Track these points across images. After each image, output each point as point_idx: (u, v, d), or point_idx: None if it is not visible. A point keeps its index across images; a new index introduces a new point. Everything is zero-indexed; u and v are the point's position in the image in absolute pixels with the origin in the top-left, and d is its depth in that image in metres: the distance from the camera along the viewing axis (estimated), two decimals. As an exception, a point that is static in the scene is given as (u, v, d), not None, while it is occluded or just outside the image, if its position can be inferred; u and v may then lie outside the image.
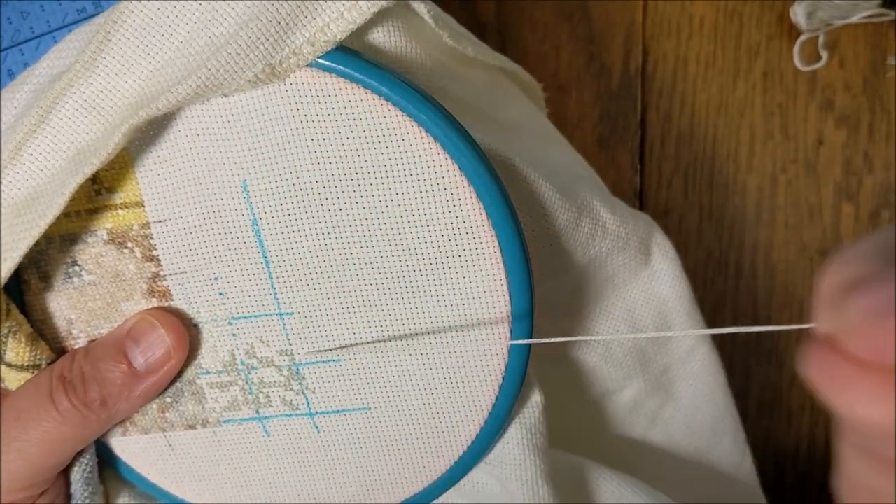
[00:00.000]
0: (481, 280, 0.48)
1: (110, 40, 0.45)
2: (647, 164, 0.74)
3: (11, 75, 0.66)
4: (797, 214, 0.74)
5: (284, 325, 0.51)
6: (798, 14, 0.71)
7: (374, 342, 0.50)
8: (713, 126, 0.74)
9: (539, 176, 0.53)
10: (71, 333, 0.54)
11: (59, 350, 0.54)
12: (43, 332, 0.54)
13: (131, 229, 0.50)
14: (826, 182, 0.74)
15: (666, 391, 0.64)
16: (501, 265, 0.47)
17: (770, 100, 0.74)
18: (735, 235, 0.75)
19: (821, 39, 0.72)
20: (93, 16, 0.64)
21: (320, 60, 0.44)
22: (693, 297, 0.62)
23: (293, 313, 0.51)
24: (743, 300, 0.78)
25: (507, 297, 0.48)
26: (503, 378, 0.50)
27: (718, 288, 0.77)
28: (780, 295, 0.67)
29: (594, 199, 0.57)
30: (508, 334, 0.49)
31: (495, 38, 0.74)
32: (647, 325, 0.62)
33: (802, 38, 0.71)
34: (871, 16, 0.70)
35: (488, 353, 0.50)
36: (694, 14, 0.73)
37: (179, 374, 0.54)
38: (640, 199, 0.76)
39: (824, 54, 0.72)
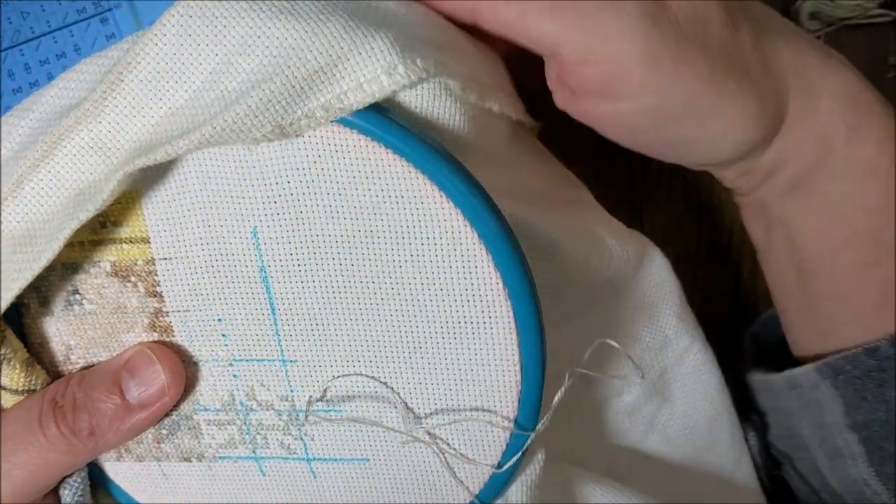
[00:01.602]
0: (493, 348, 0.46)
1: (123, 80, 0.44)
2: (646, 164, 0.74)
3: (11, 75, 0.65)
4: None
5: (287, 371, 0.50)
6: (799, 15, 0.70)
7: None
8: (714, 126, 0.73)
9: (555, 229, 0.52)
10: (69, 359, 0.53)
11: (55, 374, 0.53)
12: (40, 355, 0.53)
13: (135, 264, 0.49)
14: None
15: (662, 395, 0.64)
16: (515, 335, 0.46)
17: (771, 99, 0.73)
18: (735, 236, 0.76)
19: (821, 40, 0.71)
20: (93, 16, 0.64)
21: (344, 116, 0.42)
22: (683, 299, 0.62)
23: (297, 361, 0.49)
24: (743, 301, 0.78)
25: (518, 368, 0.47)
26: (507, 444, 0.49)
27: (718, 289, 0.77)
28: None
29: (600, 228, 0.57)
30: (516, 405, 0.48)
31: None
32: (641, 332, 0.62)
33: (802, 38, 0.71)
34: (871, 16, 0.69)
35: (493, 420, 0.48)
36: (695, 14, 0.72)
37: (176, 407, 0.53)
38: (639, 200, 0.75)
39: (825, 55, 0.71)
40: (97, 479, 0.56)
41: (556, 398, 0.48)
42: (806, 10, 0.70)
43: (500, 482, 0.51)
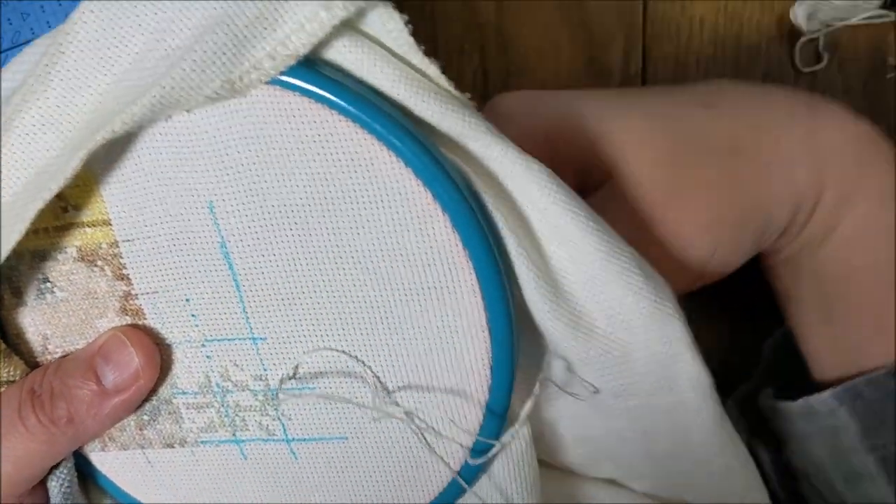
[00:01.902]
0: (458, 314, 0.45)
1: (63, 52, 0.43)
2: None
3: (12, 76, 0.65)
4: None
5: (258, 350, 0.49)
6: (798, 15, 0.69)
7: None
8: (713, 127, 0.73)
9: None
10: (47, 349, 0.53)
11: (34, 365, 0.53)
12: (18, 347, 0.53)
13: (100, 248, 0.49)
14: (826, 183, 0.73)
15: (684, 490, 0.58)
16: (480, 299, 0.45)
17: (770, 101, 0.73)
18: None
19: (821, 41, 0.70)
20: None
21: (283, 78, 0.41)
22: (720, 413, 0.53)
23: (266, 339, 0.49)
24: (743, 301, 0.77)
25: (487, 333, 0.46)
26: (484, 414, 0.48)
27: (718, 290, 0.76)
28: (780, 296, 0.66)
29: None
30: (489, 372, 0.47)
31: (495, 39, 0.73)
32: (666, 446, 0.54)
33: (803, 39, 0.71)
34: (871, 17, 0.69)
35: (467, 388, 0.47)
36: (694, 15, 0.72)
37: (155, 392, 0.52)
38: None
39: (825, 56, 0.71)
40: (85, 470, 0.56)
41: (528, 406, 0.47)
42: (805, 11, 0.70)
43: (480, 454, 0.49)
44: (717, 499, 0.56)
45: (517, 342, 0.46)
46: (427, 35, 0.74)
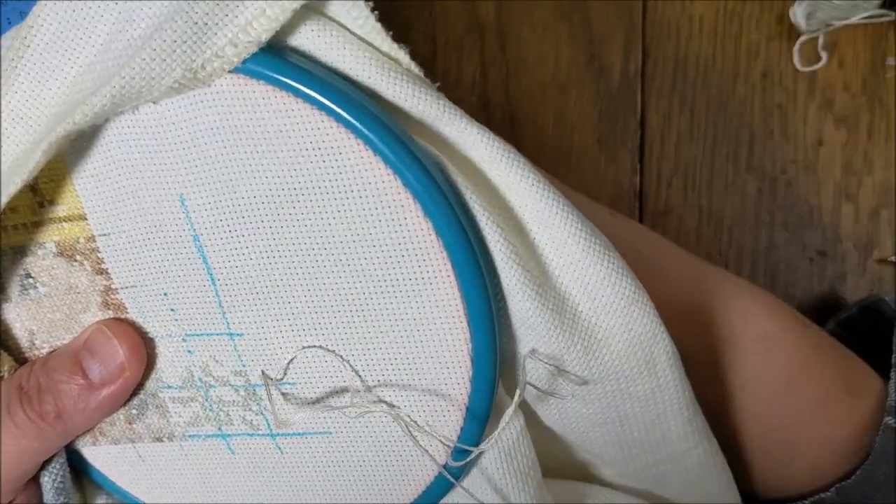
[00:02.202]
0: (435, 305, 0.44)
1: (28, 46, 0.43)
2: (646, 165, 0.73)
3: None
4: (797, 215, 0.73)
5: (236, 345, 0.49)
6: (797, 15, 0.69)
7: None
8: (713, 127, 0.73)
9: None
10: (34, 344, 0.53)
11: (22, 361, 0.54)
12: (6, 343, 0.53)
13: (77, 242, 0.49)
14: (826, 182, 0.72)
15: (655, 483, 0.57)
16: (457, 289, 0.44)
17: (769, 100, 0.73)
18: (734, 236, 0.74)
19: (820, 40, 0.70)
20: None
21: (248, 65, 0.40)
22: (693, 400, 0.52)
23: (244, 334, 0.48)
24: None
25: (466, 324, 0.44)
26: (467, 407, 0.47)
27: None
28: (780, 295, 0.66)
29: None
30: (470, 363, 0.46)
31: (495, 38, 0.73)
32: (639, 433, 0.53)
33: (802, 38, 0.70)
34: (870, 16, 0.68)
35: (449, 381, 0.46)
36: (693, 15, 0.72)
37: (142, 386, 0.52)
38: (639, 200, 0.75)
39: (824, 55, 0.70)
40: (79, 465, 0.57)
41: (517, 396, 0.46)
42: (804, 10, 0.70)
43: (466, 448, 0.48)
44: (690, 496, 0.56)
45: (498, 332, 0.45)
46: (427, 35, 0.74)
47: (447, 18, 0.73)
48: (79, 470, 0.57)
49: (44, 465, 0.53)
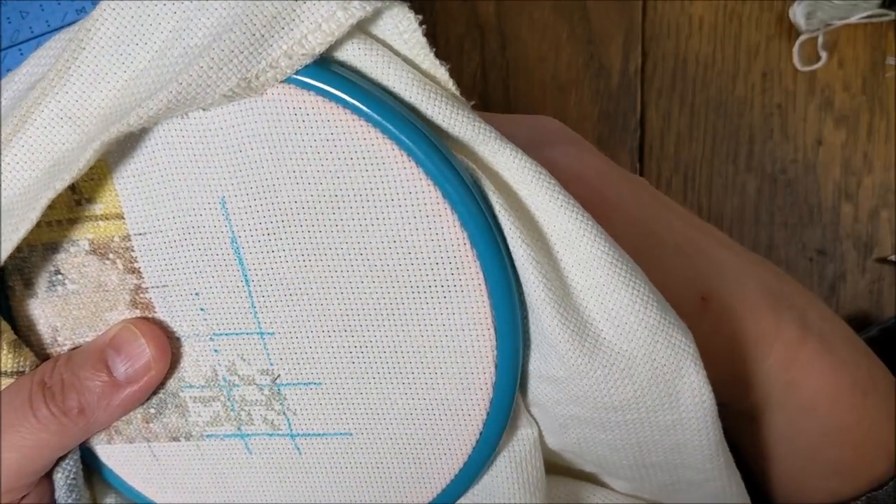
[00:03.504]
0: (465, 312, 0.46)
1: (84, 48, 0.44)
2: (646, 165, 0.74)
3: (11, 75, 0.65)
4: (796, 214, 0.74)
5: (265, 344, 0.50)
6: (797, 14, 0.70)
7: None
8: (712, 126, 0.73)
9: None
10: (56, 340, 0.53)
11: (44, 357, 0.54)
12: (28, 338, 0.54)
13: (112, 241, 0.49)
14: (825, 182, 0.73)
15: (668, 496, 0.57)
16: (486, 297, 0.45)
17: (769, 100, 0.73)
18: (734, 236, 0.74)
19: (820, 40, 0.71)
20: (92, 16, 0.64)
21: (298, 77, 0.42)
22: (721, 441, 0.51)
23: (274, 333, 0.49)
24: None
25: (493, 332, 0.46)
26: (488, 413, 0.48)
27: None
28: (779, 295, 0.67)
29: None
30: (493, 370, 0.47)
31: (495, 38, 0.73)
32: (657, 458, 0.53)
33: (802, 38, 0.71)
34: (870, 16, 0.69)
35: (472, 386, 0.48)
36: (693, 14, 0.73)
37: (163, 385, 0.53)
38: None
39: (823, 54, 0.71)
40: (91, 464, 0.57)
41: (533, 409, 0.47)
42: (804, 10, 0.70)
43: (483, 455, 0.50)
44: None
45: (523, 342, 0.47)
46: (427, 35, 0.74)
47: (447, 18, 0.74)
48: (90, 468, 0.57)
49: (58, 461, 0.54)
